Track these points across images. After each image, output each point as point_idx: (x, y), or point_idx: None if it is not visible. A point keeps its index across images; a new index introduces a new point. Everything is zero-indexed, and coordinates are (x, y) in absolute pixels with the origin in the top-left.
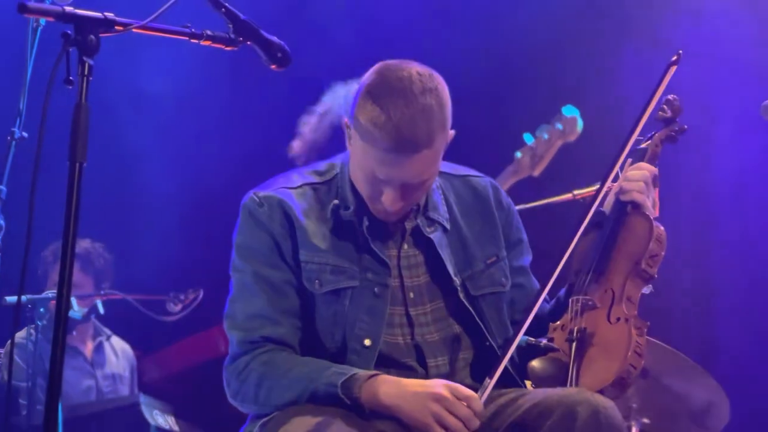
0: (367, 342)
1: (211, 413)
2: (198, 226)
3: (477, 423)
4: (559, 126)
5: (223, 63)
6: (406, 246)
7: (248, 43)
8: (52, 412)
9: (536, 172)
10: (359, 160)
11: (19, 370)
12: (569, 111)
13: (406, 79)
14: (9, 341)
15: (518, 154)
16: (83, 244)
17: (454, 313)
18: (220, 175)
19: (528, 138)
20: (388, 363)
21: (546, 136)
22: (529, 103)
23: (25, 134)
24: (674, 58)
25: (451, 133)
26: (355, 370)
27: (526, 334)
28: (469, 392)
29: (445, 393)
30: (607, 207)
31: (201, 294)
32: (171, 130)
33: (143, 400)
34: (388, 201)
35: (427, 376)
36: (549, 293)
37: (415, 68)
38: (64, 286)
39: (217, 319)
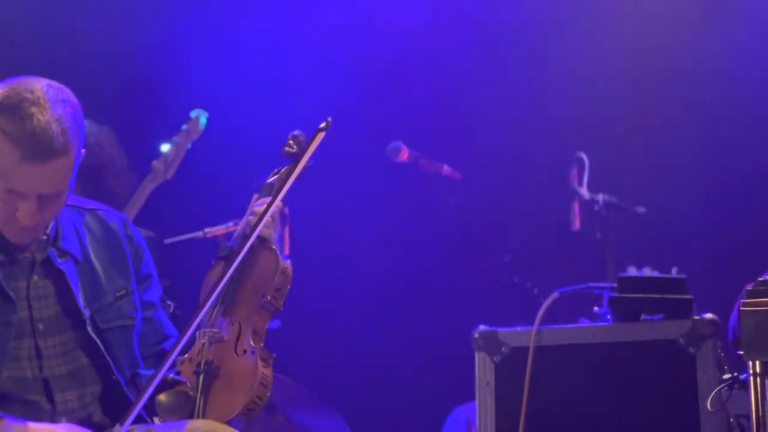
0: None
1: None
2: None
3: None
4: (184, 127)
5: None
6: (36, 277)
7: None
8: None
9: (169, 176)
10: None
11: None
12: (195, 112)
13: (38, 90)
14: None
15: (154, 163)
16: None
17: (82, 345)
18: None
19: (164, 147)
20: (13, 400)
21: (175, 139)
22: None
23: None
24: (323, 125)
25: (83, 151)
26: None
27: (153, 367)
28: None
29: None
30: (234, 241)
31: None
32: None
33: None
34: (25, 216)
35: (54, 412)
36: (179, 327)
37: (44, 81)
38: None
39: None
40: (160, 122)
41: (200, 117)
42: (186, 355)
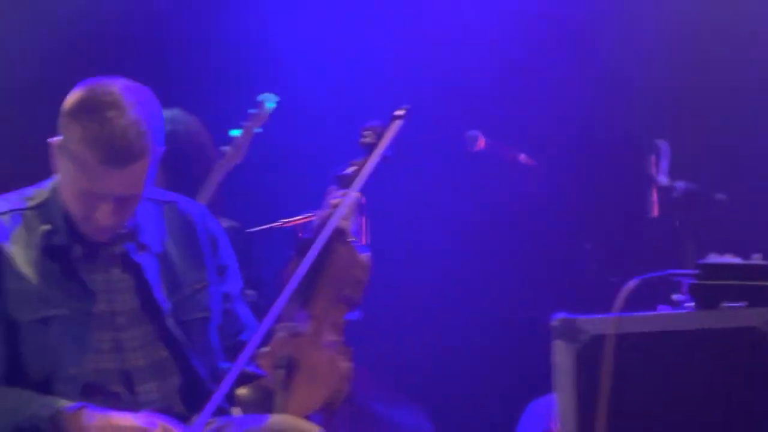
0: (72, 371)
1: None
2: None
3: None
4: (253, 111)
5: None
6: (115, 271)
7: None
8: None
9: (238, 160)
10: (71, 179)
11: None
12: (263, 96)
13: (116, 93)
14: None
15: (226, 148)
16: None
17: (162, 338)
18: None
19: (234, 132)
20: (95, 391)
21: (244, 124)
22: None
23: None
24: (401, 112)
25: (161, 149)
26: (61, 403)
27: (231, 359)
28: (179, 427)
29: (154, 428)
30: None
31: None
32: None
33: None
34: (103, 216)
35: (135, 403)
36: (259, 317)
37: (123, 83)
38: None
39: None
40: (237, 109)
41: (267, 101)
42: (266, 349)
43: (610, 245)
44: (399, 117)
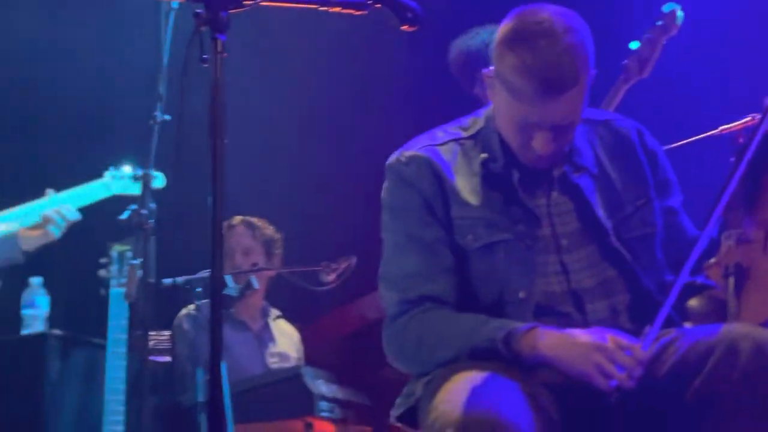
0: (522, 294)
1: (372, 378)
2: (347, 193)
3: (640, 372)
4: (659, 22)
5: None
6: (555, 194)
7: (377, 6)
8: (216, 386)
9: (645, 74)
10: (506, 109)
11: (183, 347)
12: (669, 6)
13: (546, 21)
14: (174, 322)
15: (626, 62)
16: (250, 219)
17: (607, 257)
18: (363, 142)
19: (633, 45)
20: (545, 312)
21: (648, 36)
22: None
23: (167, 117)
24: None
25: (593, 72)
26: (514, 324)
27: (678, 273)
28: (631, 341)
29: (607, 342)
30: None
31: (354, 261)
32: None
33: (305, 370)
34: (540, 145)
35: (585, 322)
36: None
37: (553, 9)
38: (216, 264)
39: (371, 284)
40: (628, 24)
41: (676, 11)
42: (713, 260)
43: None
44: None
